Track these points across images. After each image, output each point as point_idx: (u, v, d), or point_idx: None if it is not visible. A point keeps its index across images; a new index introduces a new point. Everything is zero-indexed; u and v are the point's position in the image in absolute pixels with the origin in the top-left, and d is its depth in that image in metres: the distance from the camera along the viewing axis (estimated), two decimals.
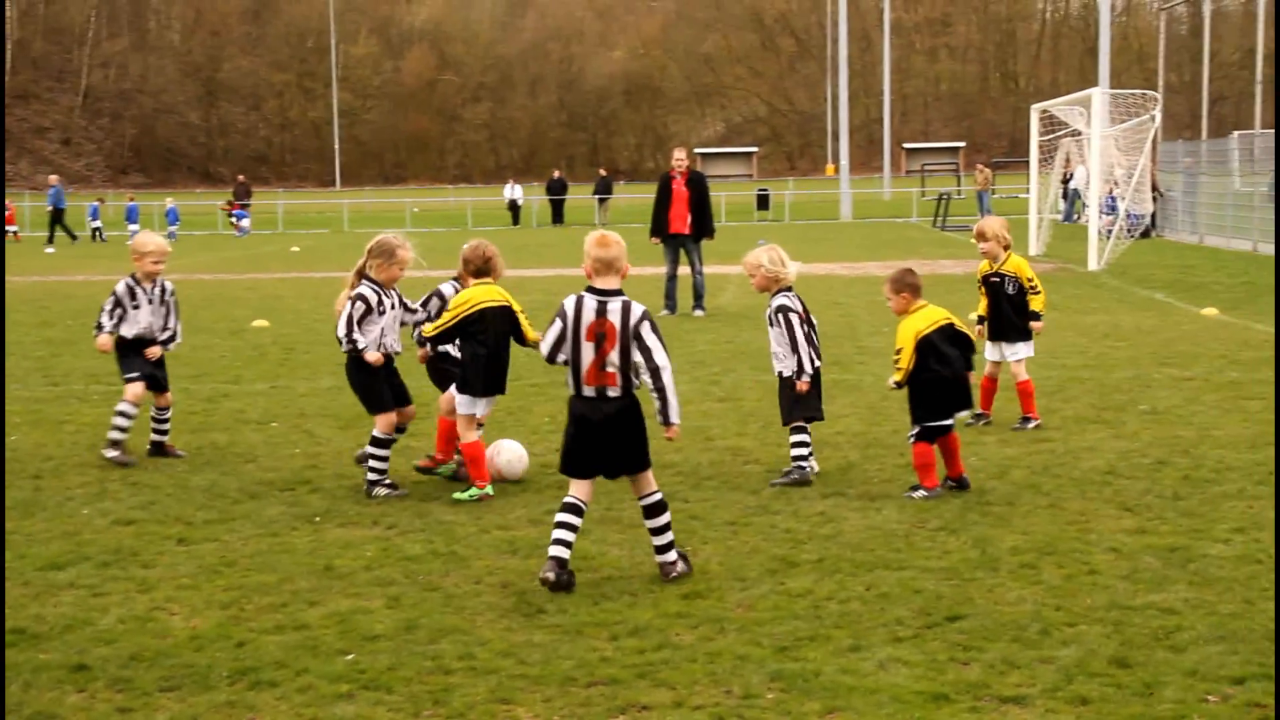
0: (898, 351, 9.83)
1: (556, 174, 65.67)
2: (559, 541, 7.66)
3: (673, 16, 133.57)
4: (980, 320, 12.33)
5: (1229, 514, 8.90)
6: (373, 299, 10.07)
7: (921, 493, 9.58)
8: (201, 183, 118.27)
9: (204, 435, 12.33)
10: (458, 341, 10.01)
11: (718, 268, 28.84)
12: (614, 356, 7.68)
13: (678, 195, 22.45)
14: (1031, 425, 11.96)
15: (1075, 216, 47.23)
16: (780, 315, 10.33)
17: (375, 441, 10.05)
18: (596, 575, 7.88)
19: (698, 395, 14.21)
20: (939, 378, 9.68)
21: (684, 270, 22.59)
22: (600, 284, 7.76)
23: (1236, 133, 41.63)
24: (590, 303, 7.74)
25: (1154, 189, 40.42)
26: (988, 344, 12.25)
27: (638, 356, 7.68)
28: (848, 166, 66.84)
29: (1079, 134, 35.73)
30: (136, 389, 11.27)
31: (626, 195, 76.51)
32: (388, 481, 10.06)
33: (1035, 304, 12.25)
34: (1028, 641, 6.63)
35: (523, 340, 9.96)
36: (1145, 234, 39.75)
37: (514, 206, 63.27)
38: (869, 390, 14.16)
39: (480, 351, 9.83)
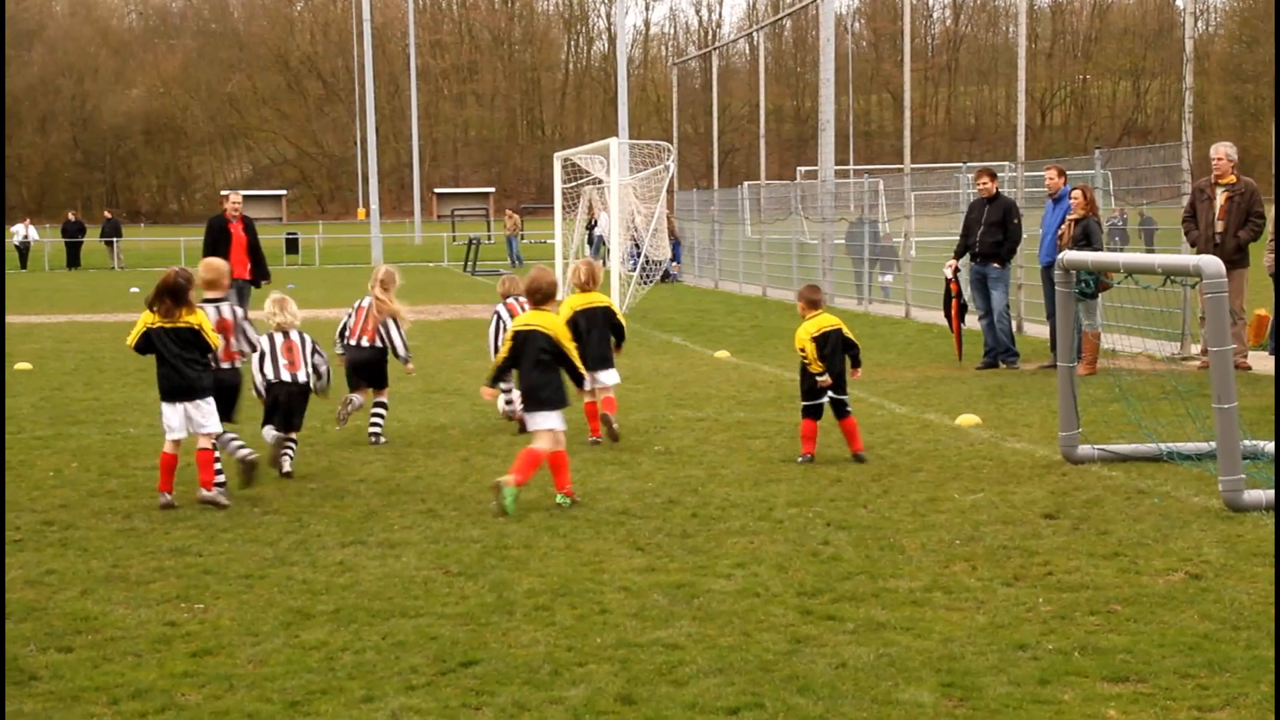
0: (801, 350, 12.17)
1: (72, 216, 62.73)
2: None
3: (193, 55, 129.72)
4: None
5: (732, 550, 9.31)
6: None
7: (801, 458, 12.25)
8: None
9: None
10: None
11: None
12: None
13: (237, 240, 21.68)
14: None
15: (601, 262, 48.64)
16: None
17: (384, 405, 13.87)
18: (98, 636, 7.52)
19: None
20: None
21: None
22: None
23: (746, 183, 43.86)
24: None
25: (672, 235, 42.07)
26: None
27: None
28: (378, 210, 66.59)
29: (600, 182, 36.85)
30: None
31: (148, 238, 74.00)
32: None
33: None
34: (539, 683, 6.72)
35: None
36: (665, 278, 41.37)
37: (23, 249, 60.09)
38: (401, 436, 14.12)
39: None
